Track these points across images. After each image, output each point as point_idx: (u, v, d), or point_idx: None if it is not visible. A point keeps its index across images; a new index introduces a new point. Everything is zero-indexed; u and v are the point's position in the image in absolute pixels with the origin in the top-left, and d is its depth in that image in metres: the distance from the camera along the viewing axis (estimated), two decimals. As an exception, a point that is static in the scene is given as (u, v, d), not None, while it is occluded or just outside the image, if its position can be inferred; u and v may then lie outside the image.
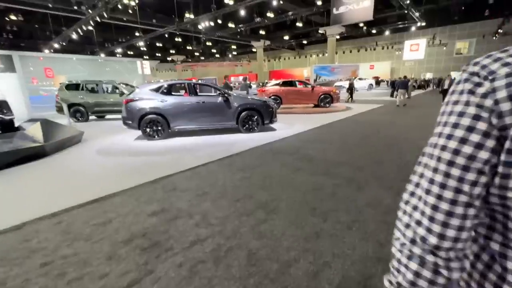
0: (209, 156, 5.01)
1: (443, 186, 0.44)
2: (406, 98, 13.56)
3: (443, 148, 0.45)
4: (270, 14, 19.88)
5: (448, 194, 0.44)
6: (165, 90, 6.55)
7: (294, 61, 40.85)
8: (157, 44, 34.52)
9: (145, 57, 40.79)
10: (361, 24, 30.10)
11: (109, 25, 25.12)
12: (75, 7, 16.86)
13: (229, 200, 3.10)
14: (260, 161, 4.66)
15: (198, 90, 8.02)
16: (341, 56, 35.44)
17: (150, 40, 32.78)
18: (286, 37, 31.58)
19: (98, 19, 16.81)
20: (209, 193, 3.33)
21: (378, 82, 28.90)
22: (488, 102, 0.41)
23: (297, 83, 12.87)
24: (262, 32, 30.19)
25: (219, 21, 18.77)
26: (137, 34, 25.43)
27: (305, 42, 35.34)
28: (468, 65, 0.46)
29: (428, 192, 0.46)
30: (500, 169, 0.41)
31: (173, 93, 7.13)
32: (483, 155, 0.41)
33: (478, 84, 0.43)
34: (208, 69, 40.54)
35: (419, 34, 30.91)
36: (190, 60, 40.19)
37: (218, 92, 6.83)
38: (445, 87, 13.11)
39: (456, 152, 0.43)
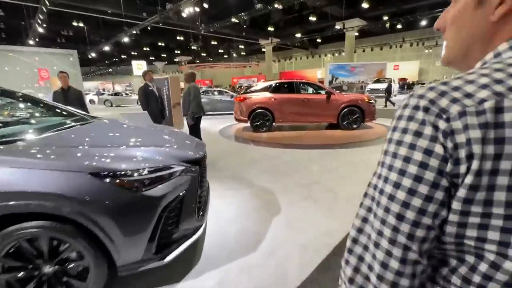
0: None
1: (392, 241, 0.36)
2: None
3: (391, 197, 0.36)
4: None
5: (398, 253, 0.35)
6: None
7: (306, 62, 34.46)
8: (160, 44, 29.60)
9: (151, 58, 36.20)
10: (385, 17, 23.46)
11: (96, 20, 20.38)
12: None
13: None
14: None
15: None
16: (360, 55, 28.71)
17: (152, 39, 28.02)
18: (298, 35, 25.43)
19: (47, 2, 11.84)
20: None
21: (404, 85, 22.05)
22: (449, 144, 0.32)
23: (302, 86, 7.06)
24: (270, 28, 24.32)
25: (206, 6, 13.23)
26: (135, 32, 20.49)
27: (319, 40, 28.97)
28: (411, 96, 0.36)
29: (377, 246, 0.37)
30: (455, 218, 0.33)
31: None
32: (435, 209, 0.34)
33: (432, 124, 0.33)
34: (214, 70, 35.36)
35: (455, 29, 23.68)
36: (198, 61, 35.00)
37: None
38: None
39: (405, 205, 0.35)
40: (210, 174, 3.76)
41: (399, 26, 22.56)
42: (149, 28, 17.66)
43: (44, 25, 14.93)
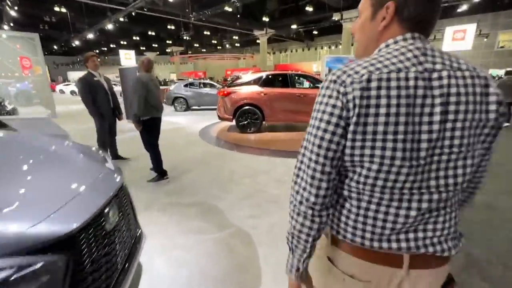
0: None
1: (316, 162, 0.58)
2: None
3: (315, 135, 0.58)
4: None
5: (319, 167, 0.58)
6: None
7: (302, 54, 32.98)
8: (150, 33, 27.77)
9: (142, 48, 34.21)
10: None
11: (79, 5, 18.62)
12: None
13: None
14: None
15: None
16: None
17: (142, 28, 26.14)
18: (294, 26, 23.96)
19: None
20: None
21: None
22: (344, 100, 0.53)
23: (298, 80, 5.93)
24: (265, 18, 22.81)
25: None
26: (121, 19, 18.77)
27: (315, 32, 27.56)
28: (328, 74, 0.57)
29: (308, 166, 0.59)
30: (349, 144, 0.55)
31: None
32: (338, 139, 0.56)
33: (336, 90, 0.55)
34: (208, 62, 33.74)
35: (453, 23, 22.59)
36: (190, 51, 33.26)
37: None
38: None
39: (322, 138, 0.57)
40: (168, 199, 2.66)
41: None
42: (133, 13, 16.09)
43: (15, 8, 13.28)
